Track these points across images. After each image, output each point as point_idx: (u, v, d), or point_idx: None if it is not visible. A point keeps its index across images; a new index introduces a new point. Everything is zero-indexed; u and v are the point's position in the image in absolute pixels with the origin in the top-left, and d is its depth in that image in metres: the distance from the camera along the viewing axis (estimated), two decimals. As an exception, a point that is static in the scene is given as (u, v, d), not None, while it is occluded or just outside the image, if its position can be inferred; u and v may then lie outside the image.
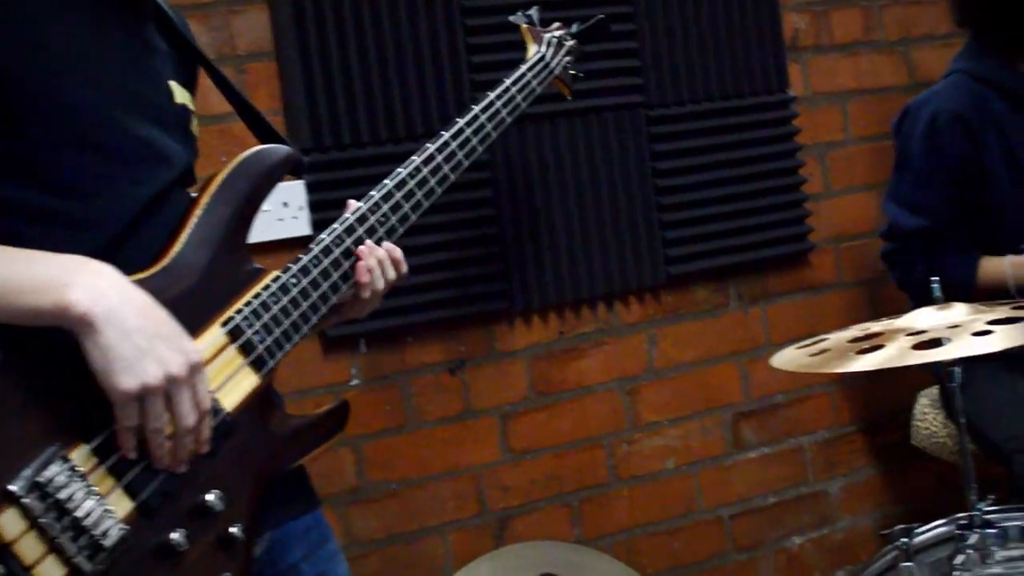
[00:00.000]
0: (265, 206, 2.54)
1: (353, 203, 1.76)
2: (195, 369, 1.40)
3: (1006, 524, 1.86)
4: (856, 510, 3.24)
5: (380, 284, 1.73)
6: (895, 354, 1.83)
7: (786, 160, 3.10)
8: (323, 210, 2.61)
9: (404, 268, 1.78)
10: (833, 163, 3.20)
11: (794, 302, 3.15)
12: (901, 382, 3.03)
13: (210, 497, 1.46)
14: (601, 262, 2.89)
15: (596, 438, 2.94)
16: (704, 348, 3.05)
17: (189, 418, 1.40)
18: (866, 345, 1.90)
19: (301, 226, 2.60)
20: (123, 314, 1.35)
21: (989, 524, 1.88)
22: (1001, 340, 1.79)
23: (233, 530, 1.48)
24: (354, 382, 2.71)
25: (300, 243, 2.55)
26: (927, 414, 2.89)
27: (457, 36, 2.74)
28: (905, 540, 1.92)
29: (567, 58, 2.35)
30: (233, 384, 1.51)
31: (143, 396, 1.36)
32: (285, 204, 2.61)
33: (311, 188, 2.63)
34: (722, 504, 3.08)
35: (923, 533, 1.99)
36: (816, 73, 3.18)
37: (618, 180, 2.90)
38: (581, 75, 2.45)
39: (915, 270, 2.73)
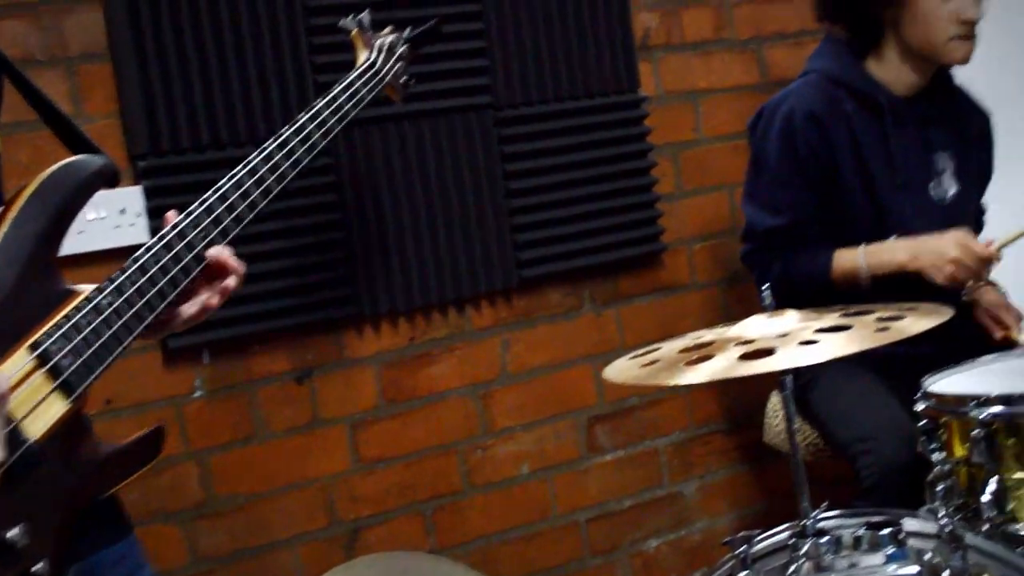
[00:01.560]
0: (101, 212, 2.45)
1: (171, 216, 1.68)
2: (2, 400, 1.33)
3: (840, 531, 1.85)
4: (712, 511, 3.24)
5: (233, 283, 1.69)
6: (724, 366, 1.81)
7: (638, 160, 3.09)
8: (161, 216, 2.51)
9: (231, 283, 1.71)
10: (686, 163, 3.20)
11: (648, 304, 3.14)
12: (755, 381, 3.00)
13: (12, 533, 1.37)
14: (452, 266, 2.84)
15: (449, 445, 2.89)
16: (558, 351, 3.02)
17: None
18: (695, 356, 1.88)
19: (138, 233, 2.50)
20: None
21: (822, 532, 1.87)
22: (828, 350, 1.79)
23: (37, 568, 1.40)
24: (198, 393, 2.63)
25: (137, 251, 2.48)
26: (779, 412, 2.91)
27: (299, 36, 2.67)
28: (744, 548, 1.90)
29: (399, 64, 2.31)
30: (41, 411, 1.43)
31: None
32: (122, 211, 2.51)
33: (149, 194, 2.54)
34: (578, 508, 3.06)
35: (763, 541, 1.97)
36: (667, 72, 3.17)
37: (468, 182, 2.85)
38: (412, 81, 2.40)
39: (772, 269, 2.73)
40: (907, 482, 2.36)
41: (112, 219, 2.49)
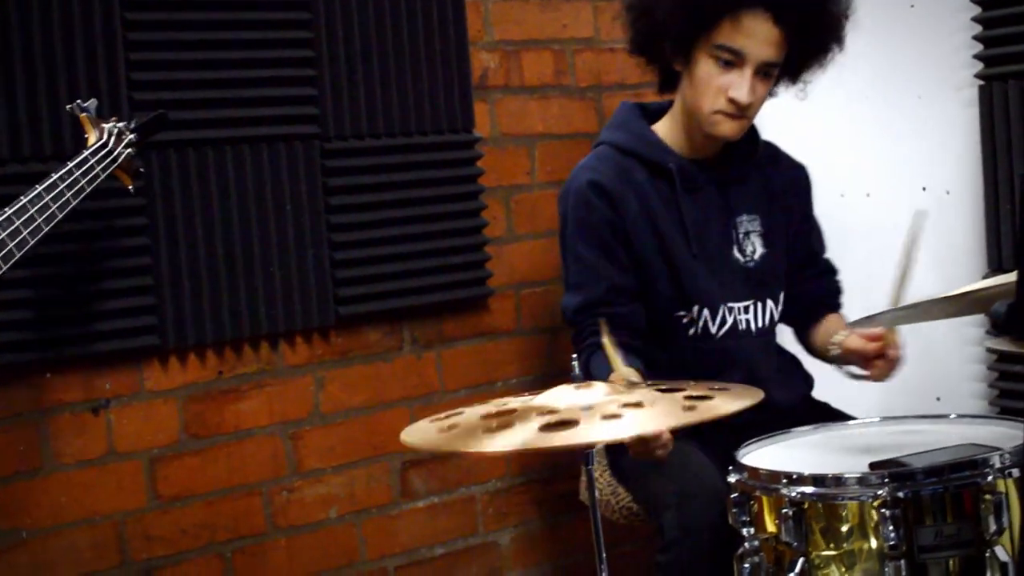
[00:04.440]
0: None
1: None
2: None
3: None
4: (527, 562, 3.18)
5: None
6: (524, 437, 1.75)
7: (469, 202, 3.03)
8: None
9: None
10: (517, 206, 3.15)
11: (471, 347, 3.08)
12: (574, 433, 2.99)
13: None
14: (266, 299, 2.74)
15: (253, 484, 2.78)
16: (374, 392, 2.94)
17: None
18: (496, 424, 1.81)
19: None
20: None
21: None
22: (632, 426, 1.74)
23: None
24: (-18, 420, 2.48)
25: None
26: (594, 470, 2.85)
27: (116, 48, 2.55)
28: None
29: (129, 149, 2.36)
30: None
31: None
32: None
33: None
34: (388, 555, 2.97)
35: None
36: (504, 114, 3.12)
37: (288, 213, 2.76)
38: (142, 169, 2.45)
39: (581, 351, 2.66)
40: (711, 544, 2.31)
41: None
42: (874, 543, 1.97)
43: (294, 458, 2.83)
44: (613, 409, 1.79)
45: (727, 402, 1.83)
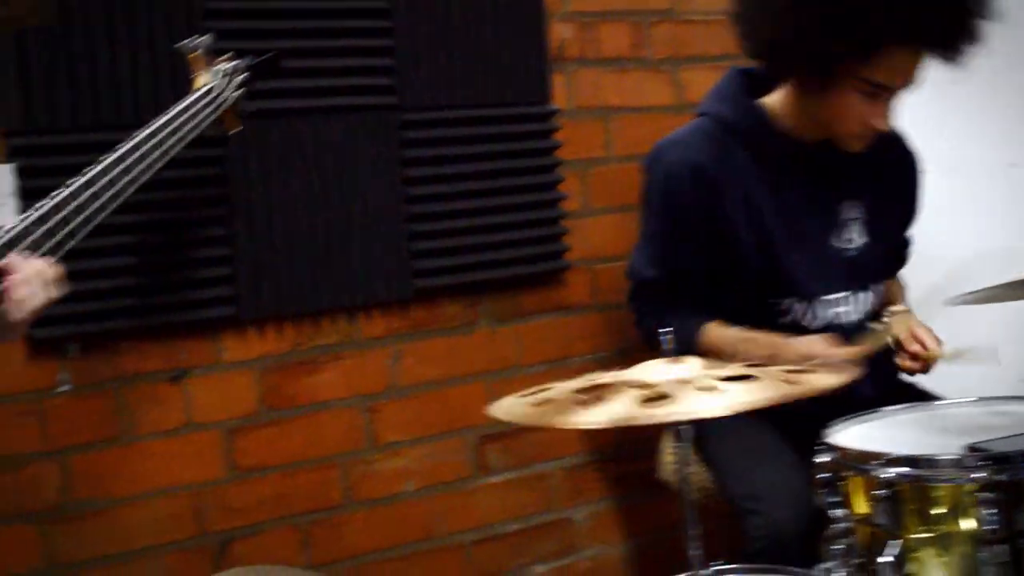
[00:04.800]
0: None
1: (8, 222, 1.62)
2: None
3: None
4: (602, 539, 3.15)
5: (29, 306, 1.58)
6: (622, 411, 1.70)
7: (545, 175, 3.00)
8: (34, 198, 2.35)
9: (53, 292, 1.63)
10: (593, 181, 3.11)
11: (546, 322, 3.04)
12: (651, 409, 2.95)
13: None
14: (344, 271, 2.72)
15: (330, 457, 2.77)
16: (451, 366, 2.91)
17: None
18: (589, 397, 1.77)
19: (6, 215, 2.36)
20: None
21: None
22: (732, 400, 1.69)
23: None
24: (63, 388, 2.48)
25: (2, 233, 2.34)
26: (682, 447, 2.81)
27: (196, 17, 2.54)
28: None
29: (238, 91, 2.28)
30: None
31: None
32: (-11, 190, 2.37)
33: (22, 174, 2.39)
34: (463, 530, 2.95)
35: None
36: (580, 86, 3.08)
37: (366, 185, 2.74)
38: (247, 113, 2.38)
39: (645, 320, 2.64)
40: (797, 546, 2.26)
41: (-21, 198, 2.35)
42: (970, 526, 1.91)
43: (371, 431, 2.82)
44: (711, 383, 1.74)
45: (826, 376, 1.78)
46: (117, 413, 2.53)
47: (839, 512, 2.01)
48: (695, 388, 1.72)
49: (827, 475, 2.03)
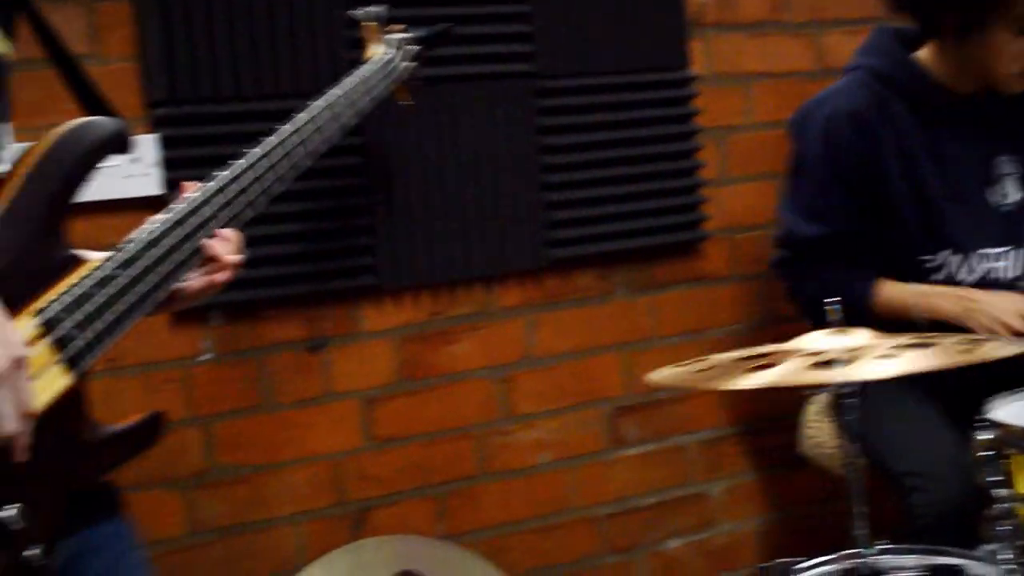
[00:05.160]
0: (114, 160, 2.35)
1: (188, 188, 1.61)
2: (19, 364, 1.22)
3: (898, 569, 1.69)
4: (738, 514, 3.09)
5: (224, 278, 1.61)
6: (790, 371, 1.64)
7: (682, 143, 2.94)
8: (177, 168, 2.40)
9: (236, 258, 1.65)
10: (732, 149, 3.04)
11: (683, 293, 2.99)
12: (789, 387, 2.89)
13: (8, 513, 1.26)
14: (480, 241, 2.70)
15: (466, 428, 2.76)
16: (586, 337, 2.88)
17: (9, 424, 1.21)
18: (755, 364, 1.72)
19: (151, 185, 2.39)
20: None
21: (877, 572, 1.71)
22: (905, 364, 1.62)
23: (32, 553, 1.29)
24: (206, 356, 2.51)
25: (149, 203, 2.36)
26: (816, 423, 2.75)
27: (334, -12, 2.54)
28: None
29: (411, 63, 2.25)
30: (42, 383, 1.31)
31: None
32: (135, 160, 2.39)
33: (165, 144, 2.41)
34: (597, 503, 2.92)
35: (806, 571, 1.81)
36: (719, 52, 3.01)
37: (502, 154, 2.71)
38: (421, 83, 2.34)
39: (808, 283, 2.58)
40: (961, 525, 2.20)
41: (124, 168, 2.36)
42: None
43: (506, 402, 2.80)
44: (884, 351, 1.67)
45: (1003, 346, 1.71)
46: (258, 382, 2.55)
47: (1003, 491, 1.93)
48: (865, 354, 1.66)
49: (989, 452, 1.96)
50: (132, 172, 2.38)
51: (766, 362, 1.72)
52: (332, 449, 2.63)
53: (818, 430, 2.73)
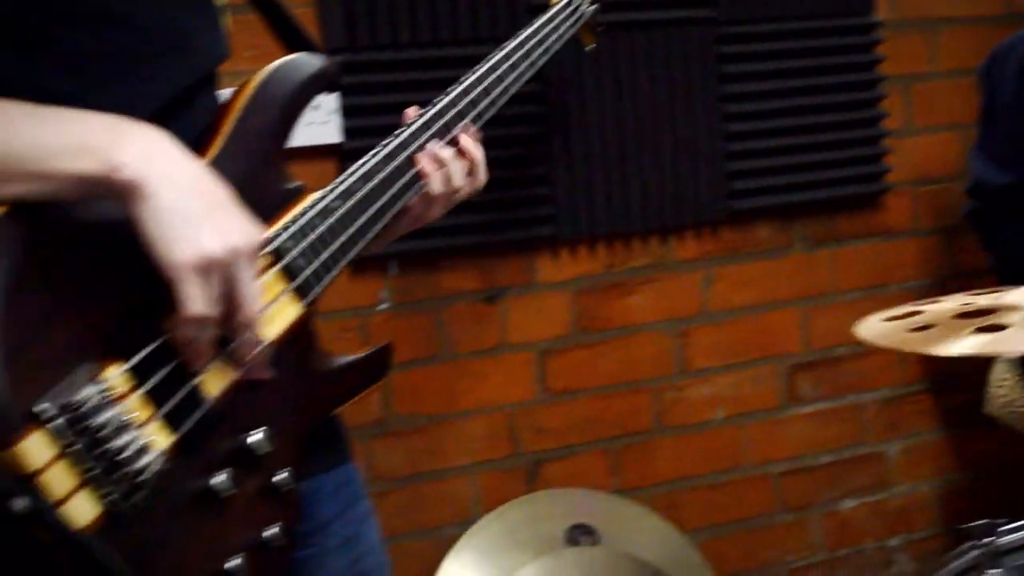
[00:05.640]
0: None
1: (411, 113, 1.58)
2: (256, 249, 1.20)
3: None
4: (916, 475, 3.00)
5: (437, 187, 1.58)
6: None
7: (866, 91, 2.84)
8: (356, 116, 2.40)
9: (480, 175, 1.67)
10: (917, 97, 2.93)
11: (864, 247, 2.90)
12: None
13: (256, 437, 1.26)
14: (658, 192, 2.65)
15: (641, 382, 2.72)
16: (764, 291, 2.81)
17: (254, 304, 1.19)
18: (980, 323, 1.61)
19: (331, 133, 2.38)
20: (179, 178, 1.15)
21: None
22: None
23: (281, 477, 1.29)
24: (383, 306, 2.50)
25: (328, 151, 2.37)
26: (1005, 381, 2.65)
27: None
28: (989, 540, 1.66)
29: (594, 6, 2.19)
30: (274, 312, 1.30)
31: (206, 269, 1.14)
32: (315, 108, 2.38)
33: (344, 91, 2.40)
34: (772, 460, 2.86)
35: (1010, 532, 1.73)
36: (905, -3, 2.90)
37: (681, 103, 2.65)
38: (603, 28, 2.27)
39: (1004, 231, 2.47)
40: None
41: (304, 116, 2.35)
42: None
43: (681, 356, 2.75)
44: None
45: None
46: (435, 331, 2.54)
47: None
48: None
49: None
50: (312, 120, 2.38)
51: (991, 321, 1.61)
52: (507, 400, 2.61)
53: (1009, 388, 2.63)
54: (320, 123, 2.39)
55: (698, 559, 2.70)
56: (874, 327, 1.73)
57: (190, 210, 1.15)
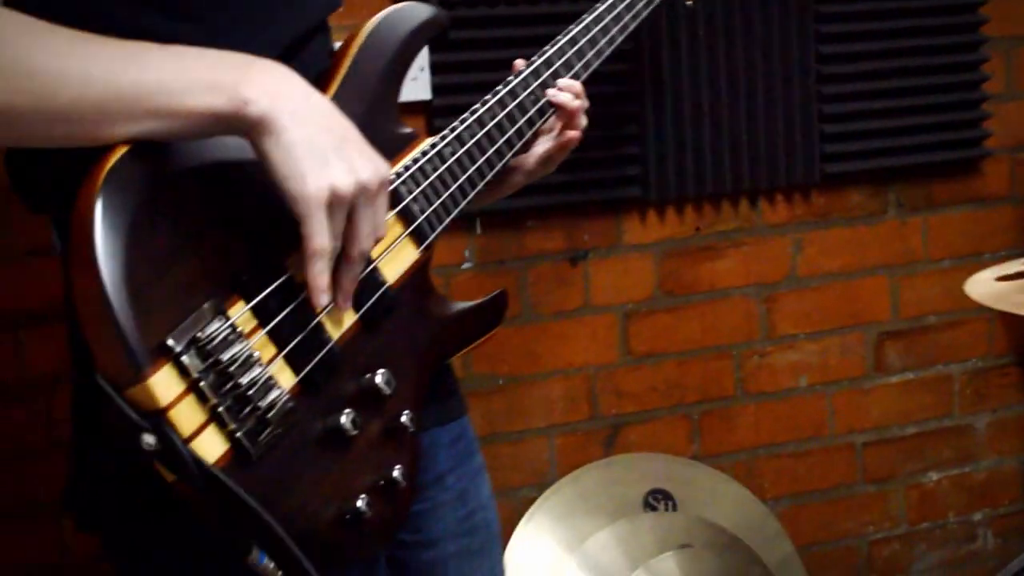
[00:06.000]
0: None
1: (520, 64, 1.57)
2: (384, 185, 1.19)
3: None
4: (1003, 450, 2.93)
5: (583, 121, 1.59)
6: None
7: (967, 53, 2.74)
8: (445, 73, 2.35)
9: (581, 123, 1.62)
10: (1021, 60, 2.82)
11: (959, 214, 2.81)
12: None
13: (379, 378, 1.25)
14: (749, 153, 2.58)
15: (725, 347, 2.67)
16: (854, 258, 2.74)
17: (368, 240, 1.18)
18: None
19: (421, 89, 2.34)
20: (308, 112, 1.14)
21: None
22: None
23: (403, 418, 1.29)
24: (467, 265, 2.47)
25: (418, 108, 2.32)
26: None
27: None
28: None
29: None
30: (392, 255, 1.31)
31: (334, 204, 1.13)
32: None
33: (433, 47, 2.35)
34: (855, 430, 2.80)
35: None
36: (1012, -47, 2.80)
37: (776, 62, 2.57)
38: None
39: None
40: None
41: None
42: None
43: (767, 322, 2.69)
44: None
45: None
46: (518, 291, 2.50)
47: None
48: None
49: None
50: (401, 75, 2.33)
51: None
52: (588, 363, 2.58)
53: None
54: (410, 79, 2.34)
55: (777, 528, 2.67)
56: (984, 287, 1.65)
57: (319, 144, 1.13)
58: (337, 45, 1.42)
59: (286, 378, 1.17)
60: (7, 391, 2.16)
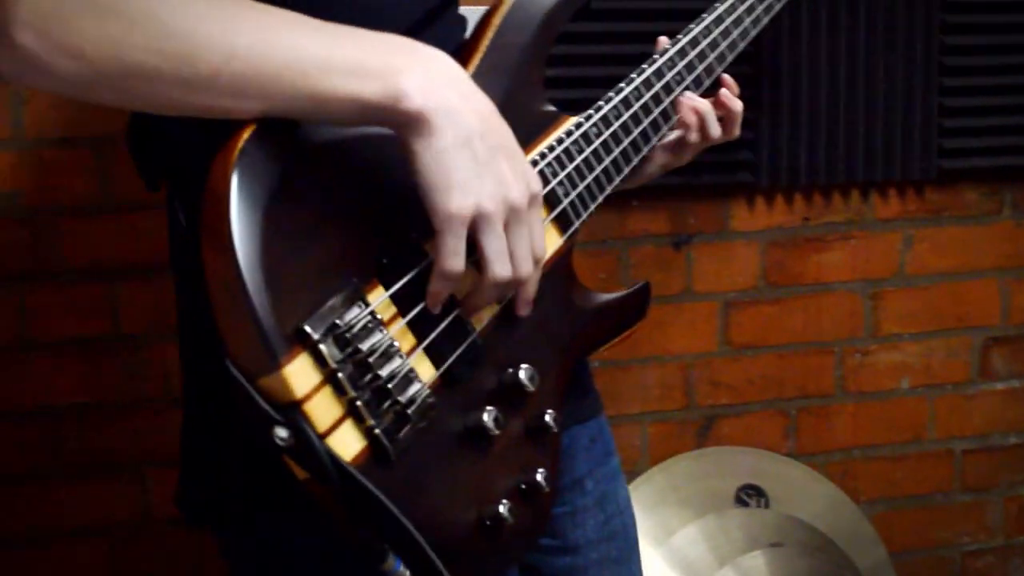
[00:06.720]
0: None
1: (664, 41, 1.48)
2: (535, 201, 1.10)
3: None
4: (1108, 465, 2.83)
5: (694, 137, 1.51)
6: None
7: (1098, 51, 2.64)
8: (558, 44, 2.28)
9: (735, 129, 1.60)
10: None
11: (1078, 220, 2.72)
12: None
13: (522, 373, 1.17)
14: (864, 144, 2.50)
15: (827, 343, 2.59)
16: (965, 258, 2.65)
17: (526, 263, 1.09)
18: None
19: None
20: (465, 115, 1.04)
21: None
22: None
23: (546, 417, 1.20)
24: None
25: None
26: None
27: None
28: None
29: None
30: None
31: (476, 222, 1.04)
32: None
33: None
34: (956, 436, 2.71)
35: None
36: None
37: (898, 52, 2.48)
38: None
39: None
40: None
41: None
42: None
43: (872, 320, 2.61)
44: None
45: None
46: (619, 274, 2.44)
47: None
48: None
49: None
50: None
51: None
52: (686, 351, 2.51)
53: None
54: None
55: (870, 532, 2.59)
56: None
57: (471, 155, 1.04)
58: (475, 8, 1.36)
59: (426, 371, 1.08)
60: (96, 344, 2.14)
